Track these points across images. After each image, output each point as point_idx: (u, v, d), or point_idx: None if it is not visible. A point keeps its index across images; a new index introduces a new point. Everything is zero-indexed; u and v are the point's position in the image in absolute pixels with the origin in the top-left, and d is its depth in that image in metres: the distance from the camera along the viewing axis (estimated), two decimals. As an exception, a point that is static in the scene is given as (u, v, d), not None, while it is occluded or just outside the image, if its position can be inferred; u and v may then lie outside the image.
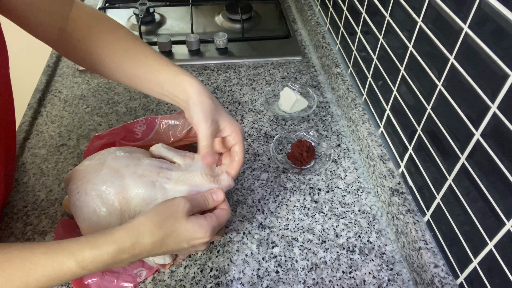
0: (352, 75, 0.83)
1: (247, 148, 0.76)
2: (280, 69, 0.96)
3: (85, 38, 0.58)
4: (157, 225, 0.46)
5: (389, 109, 0.67)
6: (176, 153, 0.58)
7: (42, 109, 0.84)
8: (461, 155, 0.49)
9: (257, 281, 0.57)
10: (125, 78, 0.60)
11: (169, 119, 0.69)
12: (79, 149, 0.75)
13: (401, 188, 0.63)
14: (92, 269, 0.44)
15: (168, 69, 0.57)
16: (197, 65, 0.96)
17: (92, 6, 0.58)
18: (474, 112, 0.46)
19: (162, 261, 0.56)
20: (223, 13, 1.13)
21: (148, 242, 0.45)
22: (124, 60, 0.58)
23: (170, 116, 0.70)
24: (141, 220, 0.46)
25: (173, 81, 0.56)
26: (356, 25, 0.79)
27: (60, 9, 0.56)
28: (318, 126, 0.82)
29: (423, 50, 0.55)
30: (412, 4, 0.57)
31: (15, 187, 0.68)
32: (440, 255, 0.55)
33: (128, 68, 0.58)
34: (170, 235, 0.47)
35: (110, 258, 0.44)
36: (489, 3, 0.42)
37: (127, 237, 0.45)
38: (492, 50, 0.42)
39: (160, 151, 0.59)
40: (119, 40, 0.59)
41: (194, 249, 0.51)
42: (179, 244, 0.48)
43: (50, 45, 0.59)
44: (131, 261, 0.47)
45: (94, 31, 0.58)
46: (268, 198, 0.68)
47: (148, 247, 0.46)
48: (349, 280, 0.58)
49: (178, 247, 0.48)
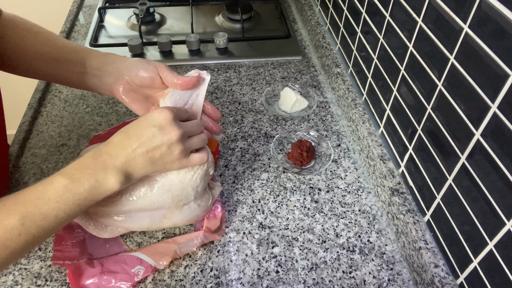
0: (352, 75, 0.83)
1: (248, 147, 0.76)
2: (280, 69, 0.96)
3: (7, 34, 0.59)
4: (122, 129, 0.51)
5: (389, 109, 0.67)
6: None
7: (42, 109, 0.84)
8: (461, 155, 0.49)
9: (257, 281, 0.57)
10: (43, 64, 0.60)
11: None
12: (79, 149, 0.75)
13: (401, 188, 0.63)
14: (80, 178, 0.46)
15: (91, 50, 0.60)
16: (197, 65, 0.96)
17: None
18: (474, 112, 0.46)
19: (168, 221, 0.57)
20: (223, 13, 1.13)
21: (116, 139, 0.49)
22: (45, 46, 0.60)
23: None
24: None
25: (98, 55, 0.59)
26: (356, 25, 0.79)
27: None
28: (318, 126, 0.82)
29: (423, 50, 0.55)
30: (412, 4, 0.57)
31: (15, 187, 0.68)
32: (440, 255, 0.55)
33: (48, 52, 0.59)
34: (132, 127, 0.50)
35: (90, 160, 0.47)
36: (489, 3, 0.42)
37: (102, 144, 0.50)
38: (492, 50, 0.42)
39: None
40: (42, 31, 0.61)
41: (167, 136, 0.49)
42: (145, 130, 0.49)
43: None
44: (115, 165, 0.47)
45: (17, 27, 0.60)
46: (268, 198, 0.68)
47: (119, 144, 0.49)
48: (349, 280, 0.58)
49: (145, 134, 0.49)
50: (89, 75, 0.59)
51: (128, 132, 0.49)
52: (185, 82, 0.55)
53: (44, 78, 0.64)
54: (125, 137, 0.49)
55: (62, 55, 0.60)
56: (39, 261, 0.59)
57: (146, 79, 0.56)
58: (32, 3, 1.59)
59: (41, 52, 0.59)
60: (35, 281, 0.57)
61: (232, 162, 0.74)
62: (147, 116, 0.50)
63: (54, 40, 0.61)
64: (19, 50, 0.59)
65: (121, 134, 0.50)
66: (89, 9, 1.16)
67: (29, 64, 0.60)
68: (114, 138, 0.50)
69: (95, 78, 0.59)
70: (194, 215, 0.58)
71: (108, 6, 1.13)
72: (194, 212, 0.58)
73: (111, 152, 0.48)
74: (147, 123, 0.50)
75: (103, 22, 1.10)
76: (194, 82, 0.56)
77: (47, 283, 0.57)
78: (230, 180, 0.71)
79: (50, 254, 0.60)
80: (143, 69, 0.56)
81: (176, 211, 0.57)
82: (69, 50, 0.60)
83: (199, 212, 0.59)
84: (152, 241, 0.61)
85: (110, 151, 0.48)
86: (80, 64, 0.59)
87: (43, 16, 0.64)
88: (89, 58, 0.59)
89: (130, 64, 0.57)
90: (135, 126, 0.50)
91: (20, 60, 0.60)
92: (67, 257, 0.57)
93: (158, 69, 0.56)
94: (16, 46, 0.59)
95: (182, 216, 0.57)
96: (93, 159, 0.47)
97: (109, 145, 0.49)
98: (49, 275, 0.57)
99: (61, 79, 0.62)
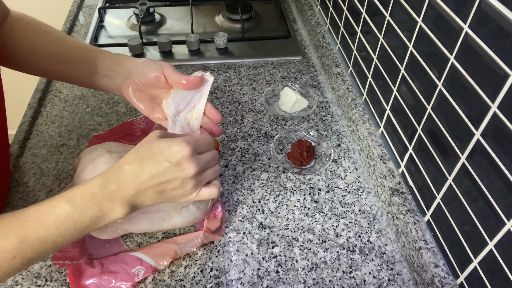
0: (352, 75, 0.83)
1: (248, 147, 0.76)
2: (280, 69, 0.96)
3: (16, 34, 0.59)
4: (132, 153, 0.48)
5: (389, 109, 0.67)
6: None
7: (42, 109, 0.84)
8: (461, 155, 0.49)
9: (257, 281, 0.57)
10: (53, 64, 0.60)
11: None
12: (79, 149, 0.75)
13: (401, 188, 0.63)
14: (84, 206, 0.44)
15: (101, 50, 0.61)
16: (197, 65, 0.96)
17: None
18: (474, 112, 0.46)
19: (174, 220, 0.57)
20: (223, 13, 1.13)
21: (128, 169, 0.46)
22: (56, 46, 0.60)
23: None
24: (121, 158, 0.49)
25: (109, 55, 0.60)
26: (356, 25, 0.79)
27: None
28: (318, 126, 0.82)
29: (423, 50, 0.55)
30: (412, 4, 0.57)
31: (15, 187, 0.68)
32: (440, 255, 0.55)
33: (59, 52, 0.60)
34: (146, 157, 0.47)
35: (97, 189, 0.45)
36: (489, 3, 0.42)
37: (110, 169, 0.47)
38: (492, 50, 0.42)
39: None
40: (52, 31, 0.62)
41: (183, 173, 0.47)
42: (160, 164, 0.46)
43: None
44: (123, 196, 0.46)
45: (26, 26, 0.60)
46: (268, 198, 0.68)
47: (130, 174, 0.46)
48: (349, 280, 0.58)
49: (160, 168, 0.46)
50: (99, 75, 0.59)
51: (142, 163, 0.46)
52: (187, 81, 0.55)
53: (53, 77, 0.64)
54: (137, 167, 0.46)
55: (73, 55, 0.60)
56: (39, 261, 0.59)
57: (151, 78, 0.56)
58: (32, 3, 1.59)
59: (51, 52, 0.60)
60: (35, 281, 0.57)
61: (232, 162, 0.74)
62: (164, 149, 0.47)
63: (64, 39, 0.61)
64: (28, 49, 0.60)
65: (134, 163, 0.47)
66: (89, 9, 1.16)
67: (38, 63, 0.61)
68: (125, 165, 0.47)
69: (105, 78, 0.59)
70: (193, 217, 0.58)
71: (108, 6, 1.13)
72: (193, 214, 0.58)
73: (121, 182, 0.46)
74: (163, 157, 0.47)
75: (103, 22, 1.10)
76: (196, 82, 0.56)
77: (47, 283, 0.57)
78: (230, 180, 0.71)
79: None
80: (148, 68, 0.56)
81: (175, 213, 0.57)
82: (79, 50, 0.60)
83: (198, 214, 0.59)
84: (152, 241, 0.61)
85: (120, 181, 0.46)
86: (91, 64, 0.59)
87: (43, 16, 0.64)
88: (100, 58, 0.59)
89: (137, 64, 0.58)
90: (150, 156, 0.47)
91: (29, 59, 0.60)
92: (67, 257, 0.57)
93: (163, 68, 0.56)
94: (25, 45, 0.60)
95: (181, 218, 0.57)
96: (100, 188, 0.45)
97: (119, 173, 0.46)
98: (49, 275, 0.57)
99: (70, 78, 0.62)
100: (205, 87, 0.58)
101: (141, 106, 0.59)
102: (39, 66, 0.61)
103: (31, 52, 0.60)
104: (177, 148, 0.47)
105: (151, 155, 0.47)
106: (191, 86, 0.56)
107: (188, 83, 0.55)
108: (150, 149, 0.47)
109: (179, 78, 0.55)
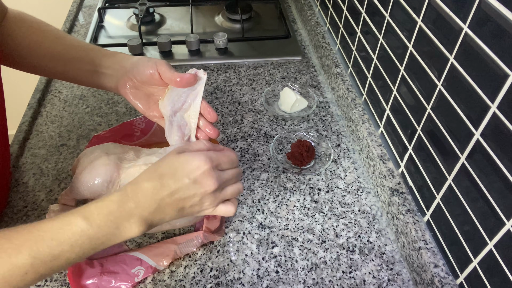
0: (352, 75, 0.83)
1: (247, 148, 0.77)
2: (280, 69, 0.96)
3: (15, 32, 0.59)
4: (151, 169, 0.47)
5: (389, 109, 0.67)
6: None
7: (42, 109, 0.84)
8: (461, 155, 0.49)
9: (257, 281, 0.57)
10: (52, 63, 0.60)
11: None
12: (79, 149, 0.75)
13: (401, 188, 0.63)
14: (101, 224, 0.43)
15: (99, 48, 0.61)
16: (197, 65, 0.96)
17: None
18: (474, 112, 0.46)
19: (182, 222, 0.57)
20: (223, 13, 1.13)
21: (147, 186, 0.46)
22: (54, 44, 0.60)
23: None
24: (140, 174, 0.48)
25: (107, 53, 0.60)
26: (356, 25, 0.79)
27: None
28: (318, 126, 0.82)
29: (423, 50, 0.55)
30: (412, 4, 0.57)
31: (15, 187, 0.68)
32: (440, 255, 0.55)
33: (58, 51, 0.60)
34: (166, 174, 0.46)
35: (115, 206, 0.44)
36: (489, 3, 0.42)
37: (128, 186, 0.46)
38: (492, 50, 0.42)
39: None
40: (50, 29, 0.62)
41: (202, 189, 0.47)
42: (180, 181, 0.46)
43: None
44: (142, 215, 0.45)
45: (25, 24, 0.60)
46: (268, 198, 0.68)
47: (150, 191, 0.45)
48: (349, 280, 0.58)
49: (180, 185, 0.46)
50: (98, 74, 0.59)
51: (162, 180, 0.46)
52: (181, 78, 0.54)
53: (51, 75, 0.65)
54: (157, 184, 0.46)
55: (72, 53, 0.60)
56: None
57: (147, 75, 0.56)
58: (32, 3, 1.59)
59: (50, 50, 0.60)
60: (35, 281, 0.57)
61: (232, 162, 0.74)
62: (184, 165, 0.47)
63: (63, 38, 0.61)
64: (27, 48, 0.60)
65: (153, 180, 0.46)
66: (88, 9, 1.16)
67: (37, 62, 0.61)
68: (144, 182, 0.46)
69: (103, 76, 0.59)
70: (193, 217, 0.58)
71: (107, 6, 1.13)
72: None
73: (139, 200, 0.45)
74: (184, 173, 0.46)
75: (102, 22, 1.10)
76: (189, 79, 0.55)
77: (47, 283, 0.57)
78: (230, 180, 0.71)
79: (50, 254, 0.60)
80: (143, 66, 0.56)
81: None
82: (78, 48, 0.61)
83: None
84: (152, 241, 0.61)
85: (139, 199, 0.45)
86: (90, 63, 0.59)
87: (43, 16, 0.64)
88: (98, 57, 0.59)
89: (134, 62, 0.58)
90: (170, 173, 0.46)
91: (28, 58, 0.60)
92: (67, 257, 0.57)
93: (157, 65, 0.56)
94: (24, 44, 0.60)
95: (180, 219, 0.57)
96: (118, 206, 0.44)
97: (138, 190, 0.45)
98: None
99: (69, 77, 0.62)
100: (199, 85, 0.57)
101: (138, 104, 0.58)
102: (37, 65, 0.61)
103: (29, 50, 0.60)
104: (197, 163, 0.47)
105: (171, 172, 0.46)
106: (185, 83, 0.55)
107: (182, 80, 0.54)
108: (170, 165, 0.47)
109: (172, 75, 0.55)
